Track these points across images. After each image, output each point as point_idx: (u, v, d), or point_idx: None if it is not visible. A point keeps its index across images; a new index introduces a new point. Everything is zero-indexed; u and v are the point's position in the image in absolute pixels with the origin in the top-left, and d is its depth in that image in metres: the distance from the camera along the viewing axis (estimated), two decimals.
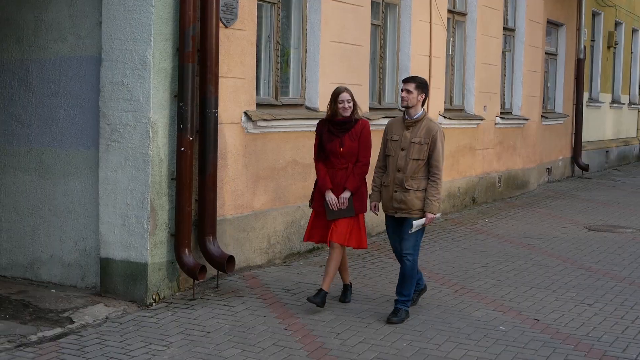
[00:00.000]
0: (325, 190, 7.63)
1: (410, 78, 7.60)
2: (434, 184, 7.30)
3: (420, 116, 7.42)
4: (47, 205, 8.40)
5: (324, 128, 7.70)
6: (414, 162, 7.32)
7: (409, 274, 7.40)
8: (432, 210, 7.30)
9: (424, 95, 7.42)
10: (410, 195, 7.33)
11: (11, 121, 8.59)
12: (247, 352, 6.46)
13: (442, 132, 7.40)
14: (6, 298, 7.88)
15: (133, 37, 7.64)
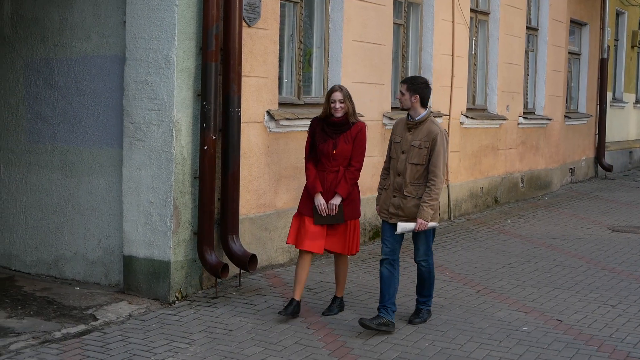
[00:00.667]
0: (314, 193, 7.23)
1: (405, 79, 7.23)
2: (429, 190, 6.86)
3: (422, 118, 6.99)
4: (72, 203, 8.46)
5: (317, 127, 7.32)
6: (413, 166, 6.93)
7: (427, 277, 7.29)
8: (423, 216, 6.86)
9: (417, 97, 6.94)
10: (409, 203, 6.95)
11: (36, 119, 8.66)
12: (269, 351, 6.47)
13: (444, 135, 6.95)
14: (31, 295, 7.95)
15: (157, 36, 7.67)
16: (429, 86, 7.10)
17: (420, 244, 7.18)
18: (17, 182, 8.84)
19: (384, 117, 11.10)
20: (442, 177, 6.86)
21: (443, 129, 7.00)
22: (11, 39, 8.79)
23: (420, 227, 6.88)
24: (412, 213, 6.93)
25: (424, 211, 6.86)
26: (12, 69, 8.80)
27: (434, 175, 6.86)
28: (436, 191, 6.86)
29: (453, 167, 13.10)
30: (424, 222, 6.87)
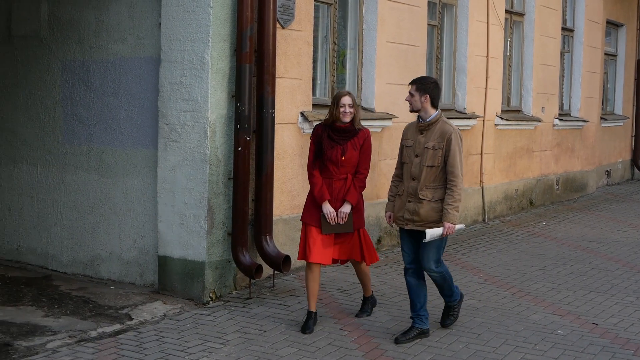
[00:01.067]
0: (322, 201, 6.96)
1: (414, 80, 6.92)
2: (451, 192, 6.60)
3: (433, 118, 6.72)
4: (107, 204, 8.53)
5: (323, 134, 7.01)
6: (428, 169, 6.66)
7: (441, 283, 7.00)
8: (450, 219, 6.59)
9: (428, 97, 6.68)
10: (425, 207, 6.67)
11: (73, 120, 8.74)
12: (302, 352, 6.48)
13: (458, 134, 6.67)
14: (67, 294, 8.03)
15: (191, 38, 7.71)
16: (438, 86, 6.88)
17: (429, 252, 6.76)
18: (54, 182, 8.94)
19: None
20: (461, 177, 6.63)
21: (456, 128, 6.74)
22: (48, 41, 8.88)
23: (448, 231, 6.61)
24: (427, 217, 6.67)
25: (449, 214, 6.59)
26: (49, 70, 8.90)
27: (454, 175, 6.62)
28: (458, 192, 6.62)
29: (487, 169, 13.03)
30: (451, 225, 6.60)
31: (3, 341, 6.54)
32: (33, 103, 9.05)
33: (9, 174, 9.32)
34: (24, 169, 9.17)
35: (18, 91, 9.17)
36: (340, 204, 6.98)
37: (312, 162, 7.09)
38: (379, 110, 10.31)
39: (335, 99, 6.99)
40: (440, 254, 6.83)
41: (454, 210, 6.60)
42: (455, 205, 6.60)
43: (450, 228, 6.60)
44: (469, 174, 12.54)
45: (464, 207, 12.30)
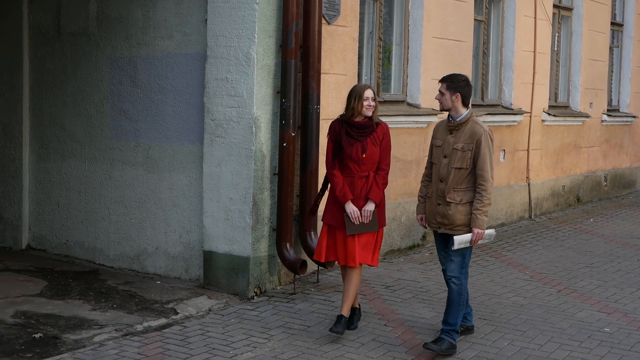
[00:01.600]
0: (345, 201, 6.64)
1: (444, 77, 6.63)
2: (480, 196, 6.30)
3: (463, 118, 6.43)
4: (153, 199, 8.61)
5: (341, 131, 6.70)
6: (456, 171, 6.37)
7: (456, 299, 6.45)
8: (478, 225, 6.30)
9: (459, 95, 6.41)
10: (452, 209, 6.38)
11: (120, 116, 8.84)
12: (346, 347, 6.49)
13: (488, 135, 6.37)
14: (114, 288, 8.13)
15: (237, 34, 7.75)
16: (469, 84, 6.59)
17: (454, 257, 6.45)
18: (102, 177, 9.04)
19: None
20: (491, 181, 6.32)
21: (487, 129, 6.43)
22: (96, 38, 8.99)
23: (478, 237, 6.33)
24: (456, 221, 6.38)
25: (477, 219, 6.30)
26: (97, 66, 9.01)
27: (483, 179, 6.31)
28: (487, 196, 6.31)
29: (534, 165, 12.91)
30: (480, 231, 6.32)
31: (51, 334, 6.65)
32: (81, 99, 9.17)
33: (57, 169, 9.45)
34: (73, 164, 9.30)
35: (67, 87, 9.30)
36: (364, 202, 6.67)
37: (331, 160, 6.75)
38: (425, 106, 10.27)
39: (357, 92, 6.67)
40: (465, 261, 6.48)
41: (483, 215, 6.33)
42: (484, 210, 6.32)
43: (480, 234, 6.34)
44: (516, 170, 12.44)
45: (509, 203, 12.23)
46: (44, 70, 9.51)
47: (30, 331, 6.71)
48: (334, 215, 6.75)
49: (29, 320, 7.01)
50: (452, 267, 6.45)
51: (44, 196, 9.61)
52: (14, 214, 9.82)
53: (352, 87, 6.81)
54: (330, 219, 6.79)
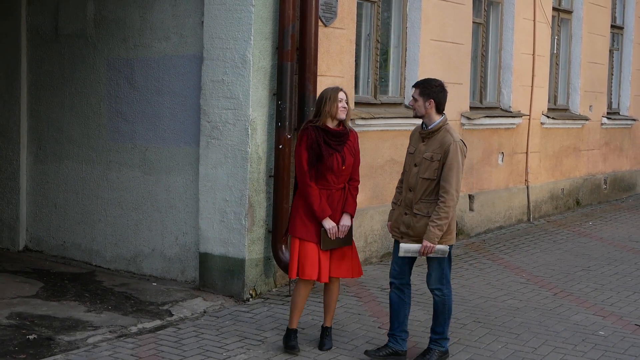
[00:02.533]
0: (325, 217, 6.22)
1: (417, 82, 6.29)
2: (438, 209, 5.94)
3: (435, 126, 6.09)
4: (150, 201, 8.62)
5: (318, 139, 6.19)
6: (424, 181, 6.05)
7: (441, 309, 6.24)
8: (429, 237, 5.95)
9: (432, 102, 6.06)
10: (420, 222, 6.06)
11: (117, 118, 8.85)
12: (340, 350, 6.49)
13: (458, 146, 6.00)
14: (110, 290, 8.13)
15: (233, 36, 7.76)
16: (444, 89, 6.19)
17: (432, 269, 6.21)
18: (99, 179, 9.05)
19: (462, 117, 11.00)
20: (454, 194, 5.94)
21: (459, 139, 6.07)
22: (94, 40, 9.00)
23: (425, 251, 6.01)
24: (421, 233, 6.05)
25: (429, 232, 5.96)
26: (94, 68, 9.02)
27: (444, 191, 5.95)
28: (446, 209, 5.94)
29: (533, 168, 12.91)
30: (429, 245, 5.98)
31: (46, 335, 6.65)
32: (79, 101, 9.18)
33: (55, 170, 9.46)
34: (70, 166, 9.30)
35: (64, 89, 9.31)
36: (340, 215, 6.32)
37: (307, 171, 6.22)
38: None
39: (330, 95, 6.21)
40: (444, 272, 6.21)
41: (437, 229, 5.95)
42: (438, 224, 5.94)
43: (428, 247, 5.99)
44: (514, 173, 12.44)
45: (508, 206, 12.22)
46: (42, 72, 9.52)
47: (25, 332, 6.71)
48: (308, 229, 6.28)
49: (23, 322, 7.01)
50: (431, 279, 6.22)
51: (41, 198, 9.62)
52: (11, 215, 9.82)
53: (323, 91, 6.33)
54: (303, 233, 6.29)
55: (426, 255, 6.05)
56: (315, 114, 6.30)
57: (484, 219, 11.71)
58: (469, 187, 11.37)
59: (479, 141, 11.54)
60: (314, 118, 6.30)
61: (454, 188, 5.95)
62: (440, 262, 6.17)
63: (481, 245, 10.80)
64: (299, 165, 6.24)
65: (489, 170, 11.83)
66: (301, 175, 6.26)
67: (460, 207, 11.15)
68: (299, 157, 6.23)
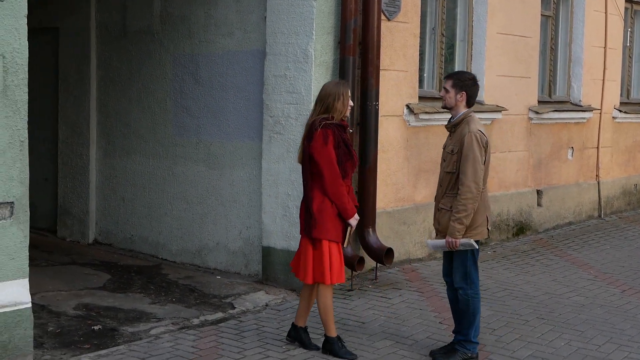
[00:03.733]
0: (354, 214, 6.08)
1: (450, 74, 6.25)
2: (456, 202, 5.85)
3: (457, 119, 6.02)
4: (214, 195, 8.71)
5: (343, 137, 6.02)
6: (447, 175, 6.00)
7: (464, 309, 6.07)
8: (450, 232, 5.87)
9: (464, 94, 5.97)
10: (444, 216, 6.00)
11: (182, 113, 8.96)
12: (399, 344, 6.46)
13: (474, 137, 5.85)
14: (174, 283, 8.25)
15: (295, 31, 7.78)
16: (477, 83, 6.11)
17: (455, 267, 6.08)
18: (165, 173, 9.18)
19: (530, 111, 10.85)
20: (470, 186, 5.80)
21: (477, 130, 5.91)
22: (160, 36, 9.13)
23: (450, 245, 5.92)
24: (447, 228, 5.96)
25: (450, 227, 5.89)
26: (160, 64, 9.15)
27: (461, 183, 5.84)
28: (462, 201, 5.82)
29: (604, 163, 12.66)
30: (451, 240, 5.90)
31: (110, 326, 6.78)
32: (146, 96, 9.33)
33: (123, 165, 9.63)
34: (137, 161, 9.46)
35: (132, 84, 9.47)
36: None
37: (339, 172, 5.96)
38: (489, 103, 10.16)
39: (342, 91, 6.01)
40: (468, 271, 6.04)
41: (456, 222, 5.85)
42: (457, 217, 5.84)
43: (451, 242, 5.90)
44: (584, 168, 12.21)
45: (577, 202, 12.02)
46: (110, 68, 9.70)
47: (90, 323, 6.85)
48: (337, 230, 6.06)
49: (89, 313, 7.16)
50: (456, 278, 6.09)
51: (110, 192, 9.81)
52: (82, 209, 10.04)
53: (329, 87, 6.06)
54: (334, 234, 6.05)
55: (453, 249, 5.96)
56: (324, 111, 6.00)
57: (553, 214, 11.52)
58: (537, 182, 11.21)
59: (548, 136, 11.36)
60: (326, 114, 6.00)
61: (469, 179, 5.81)
62: (463, 260, 6.02)
63: (549, 241, 10.63)
64: (330, 165, 5.92)
65: (558, 165, 11.64)
66: (334, 176, 5.95)
67: (528, 202, 11.01)
68: (329, 156, 5.91)
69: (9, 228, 5.59)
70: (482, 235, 6.04)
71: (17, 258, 5.66)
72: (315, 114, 6.05)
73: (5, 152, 5.53)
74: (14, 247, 5.63)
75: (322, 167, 5.95)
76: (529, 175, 11.05)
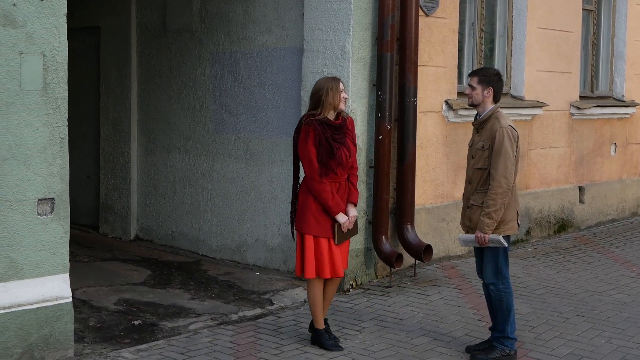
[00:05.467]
0: (339, 211, 6.07)
1: (474, 71, 6.23)
2: (487, 197, 5.84)
3: (485, 115, 5.99)
4: (253, 191, 8.75)
5: (325, 133, 5.99)
6: (478, 172, 5.98)
7: (498, 306, 6.05)
8: (480, 227, 5.86)
9: (491, 90, 5.95)
10: (475, 213, 5.98)
11: (221, 110, 9.01)
12: (437, 341, 6.44)
13: (506, 132, 5.85)
14: (214, 279, 8.31)
15: (333, 28, 7.78)
16: (502, 79, 6.13)
17: (486, 262, 6.06)
18: (204, 170, 9.24)
19: (571, 106, 10.74)
20: (501, 181, 5.79)
21: (507, 125, 5.90)
22: (199, 34, 9.19)
23: (479, 240, 5.91)
24: (477, 225, 5.96)
25: (480, 221, 5.88)
26: (200, 62, 9.21)
27: (492, 178, 5.84)
28: (493, 197, 5.81)
29: None
30: (480, 235, 5.88)
31: (150, 321, 6.85)
32: (185, 94, 9.40)
33: (163, 162, 9.71)
34: (178, 157, 9.54)
35: (172, 82, 9.55)
36: (345, 206, 6.18)
37: (318, 168, 5.99)
38: (529, 98, 10.08)
39: (332, 85, 6.03)
40: (499, 265, 6.02)
41: (486, 217, 5.83)
42: (487, 212, 5.83)
43: (481, 237, 5.89)
44: (628, 165, 12.06)
45: (621, 198, 11.87)
46: (151, 66, 9.79)
47: (131, 318, 6.93)
48: (321, 226, 6.08)
49: (130, 308, 7.24)
50: (487, 274, 6.07)
51: (151, 188, 9.90)
52: (123, 206, 10.15)
53: (321, 82, 6.12)
54: (317, 230, 6.08)
55: (483, 245, 5.92)
56: (315, 106, 6.05)
57: (595, 211, 11.39)
58: (579, 179, 11.10)
59: (590, 131, 11.23)
60: (314, 110, 6.05)
61: (500, 175, 5.81)
62: (494, 255, 5.99)
63: (591, 239, 10.52)
64: (309, 162, 5.99)
65: (601, 162, 11.50)
66: (311, 173, 6.02)
67: (570, 199, 10.90)
68: (308, 153, 5.98)
69: (50, 224, 5.68)
70: (512, 230, 6.02)
71: (58, 253, 5.75)
72: (308, 109, 6.15)
73: (45, 149, 5.61)
74: (55, 242, 5.72)
75: (302, 164, 6.11)
76: (570, 172, 10.94)
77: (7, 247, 5.51)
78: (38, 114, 5.57)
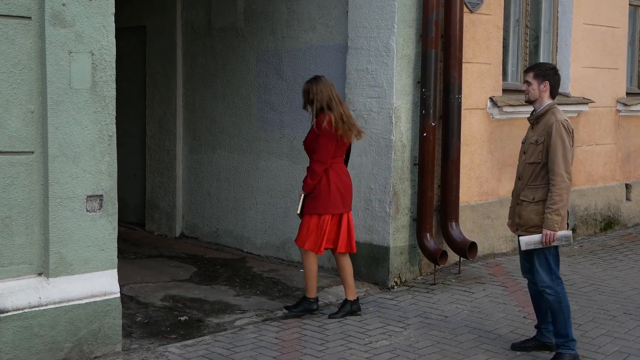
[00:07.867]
0: None
1: (530, 67, 6.10)
2: (550, 194, 5.69)
3: (542, 110, 5.89)
4: (297, 189, 8.74)
5: None
6: (530, 166, 5.88)
7: (557, 308, 5.86)
8: (548, 225, 5.69)
9: (547, 84, 5.86)
10: (526, 209, 5.87)
11: (266, 108, 9.06)
12: (482, 338, 6.42)
13: (561, 125, 5.74)
14: (259, 275, 8.36)
15: (377, 25, 7.79)
16: (558, 73, 6.00)
17: (539, 265, 5.90)
18: (249, 168, 9.30)
19: (618, 103, 10.63)
20: (563, 175, 5.67)
21: (563, 119, 5.80)
22: (244, 32, 9.25)
23: (547, 239, 5.73)
24: (529, 221, 5.86)
25: (547, 219, 5.70)
26: (244, 60, 9.27)
27: (553, 173, 5.70)
28: (558, 192, 5.67)
29: None
30: (549, 233, 5.71)
31: (196, 317, 6.92)
32: (230, 92, 9.47)
33: (208, 160, 9.79)
34: (222, 155, 9.61)
35: (217, 81, 9.62)
36: None
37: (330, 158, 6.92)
38: (575, 95, 9.99)
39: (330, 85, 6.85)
40: (551, 267, 5.88)
41: (553, 214, 5.69)
42: (553, 209, 5.69)
43: (549, 235, 5.71)
44: None
45: None
46: (196, 65, 9.88)
47: (177, 314, 7.00)
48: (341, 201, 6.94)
49: (176, 304, 7.32)
50: (540, 277, 5.89)
51: (196, 186, 9.99)
52: (169, 203, 10.25)
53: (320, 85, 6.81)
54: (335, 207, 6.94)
55: (549, 244, 5.76)
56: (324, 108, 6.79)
57: None
58: (626, 176, 10.98)
59: (637, 128, 11.11)
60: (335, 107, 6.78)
61: (562, 169, 5.69)
62: (546, 256, 5.84)
63: (638, 236, 10.40)
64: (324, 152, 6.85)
65: None
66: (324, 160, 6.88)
67: (617, 196, 10.79)
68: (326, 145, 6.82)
69: (99, 220, 5.77)
70: (563, 229, 5.87)
71: (107, 249, 5.83)
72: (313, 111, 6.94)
73: (94, 147, 5.70)
74: (103, 238, 5.80)
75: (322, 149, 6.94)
76: (617, 169, 10.82)
77: (57, 243, 5.61)
78: (87, 112, 5.65)
